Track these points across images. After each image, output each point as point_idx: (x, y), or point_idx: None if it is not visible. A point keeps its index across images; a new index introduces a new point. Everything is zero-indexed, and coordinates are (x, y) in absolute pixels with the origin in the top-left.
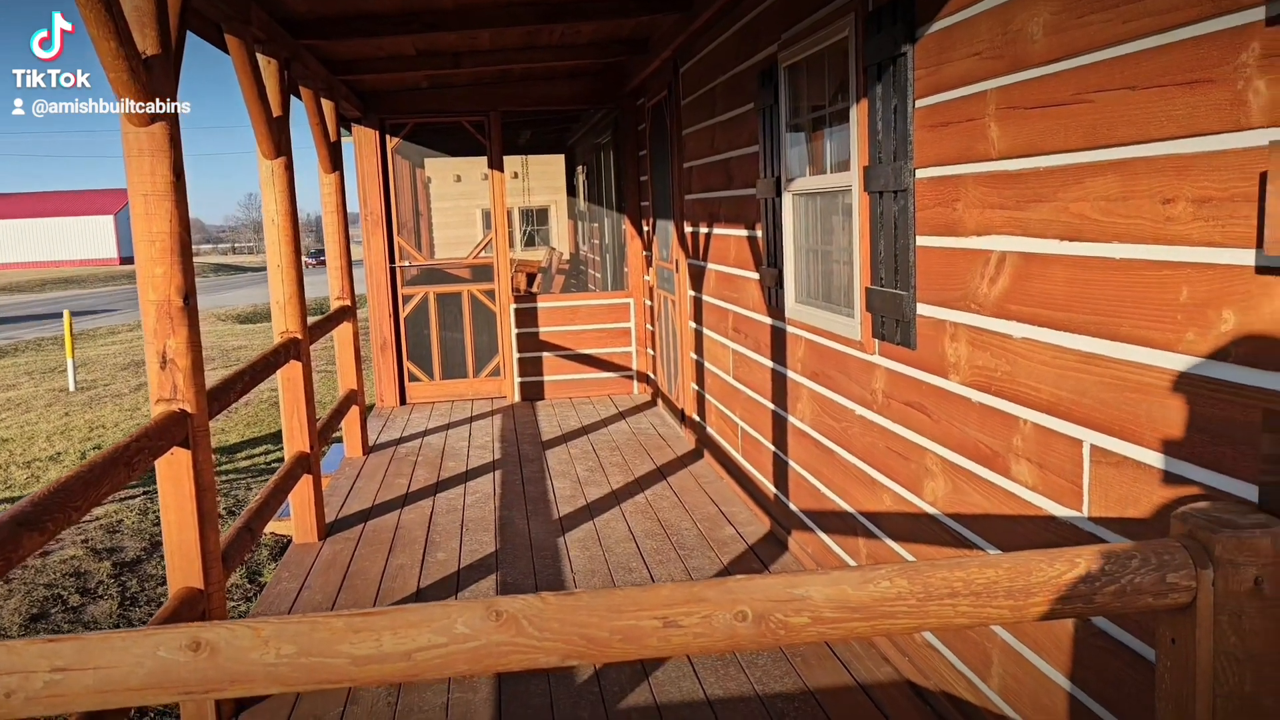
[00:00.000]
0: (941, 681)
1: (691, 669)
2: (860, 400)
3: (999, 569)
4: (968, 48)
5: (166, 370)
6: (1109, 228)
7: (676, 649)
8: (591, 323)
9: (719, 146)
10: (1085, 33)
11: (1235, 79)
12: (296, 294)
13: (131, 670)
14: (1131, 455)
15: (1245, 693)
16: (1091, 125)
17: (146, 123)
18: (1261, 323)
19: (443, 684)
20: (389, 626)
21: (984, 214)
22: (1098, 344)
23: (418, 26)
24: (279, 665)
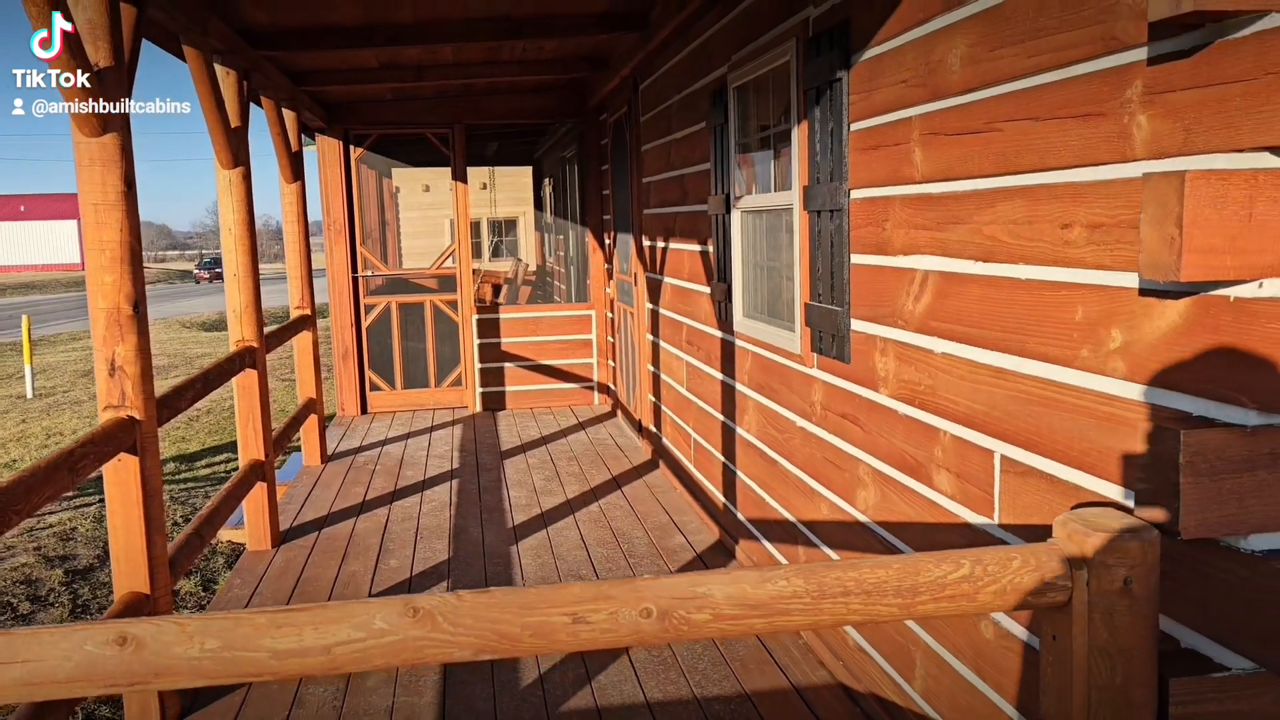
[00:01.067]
0: (871, 684)
1: (633, 672)
2: (801, 412)
3: (889, 569)
4: (895, 75)
5: (115, 377)
6: (1016, 250)
7: (585, 644)
8: (553, 334)
9: (675, 163)
10: (996, 65)
11: (1122, 113)
12: (253, 303)
13: (59, 664)
14: (1035, 465)
15: (1117, 685)
16: (1001, 152)
17: (98, 133)
18: (1142, 341)
19: (388, 687)
20: (310, 622)
21: (910, 234)
22: (1007, 359)
23: (379, 40)
24: (202, 659)
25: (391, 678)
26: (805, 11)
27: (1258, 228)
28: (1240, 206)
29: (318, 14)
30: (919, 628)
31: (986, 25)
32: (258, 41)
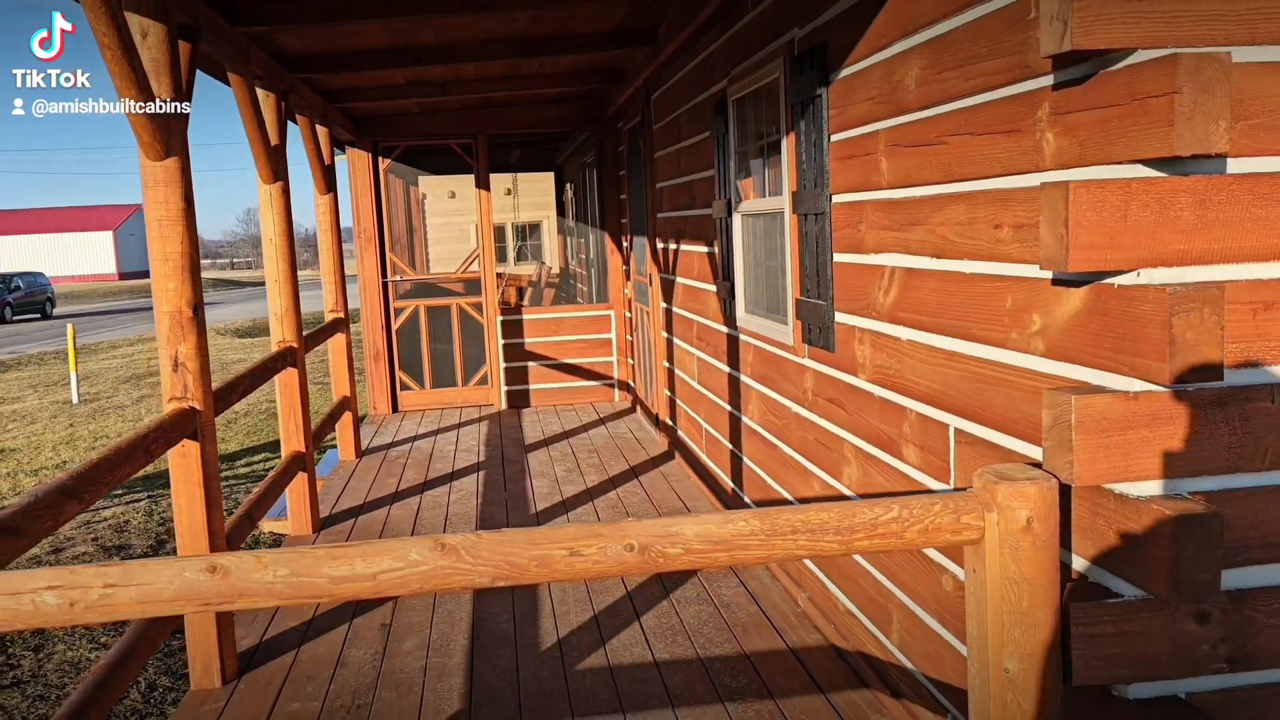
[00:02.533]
0: (857, 643)
1: (643, 636)
2: (795, 399)
3: (830, 513)
4: (865, 93)
5: (178, 372)
6: (961, 247)
7: (579, 573)
8: (574, 334)
9: (684, 169)
10: (943, 86)
11: (1035, 130)
12: (293, 307)
13: (164, 586)
14: (980, 435)
15: (1024, 609)
16: (948, 163)
17: (162, 158)
18: (1055, 324)
19: (421, 651)
20: (359, 555)
21: (879, 235)
22: (956, 343)
23: (405, 61)
24: (275, 583)
25: (424, 642)
26: (791, 33)
27: (1132, 227)
28: (1116, 209)
29: (345, 40)
30: (895, 586)
31: (934, 51)
32: (293, 65)
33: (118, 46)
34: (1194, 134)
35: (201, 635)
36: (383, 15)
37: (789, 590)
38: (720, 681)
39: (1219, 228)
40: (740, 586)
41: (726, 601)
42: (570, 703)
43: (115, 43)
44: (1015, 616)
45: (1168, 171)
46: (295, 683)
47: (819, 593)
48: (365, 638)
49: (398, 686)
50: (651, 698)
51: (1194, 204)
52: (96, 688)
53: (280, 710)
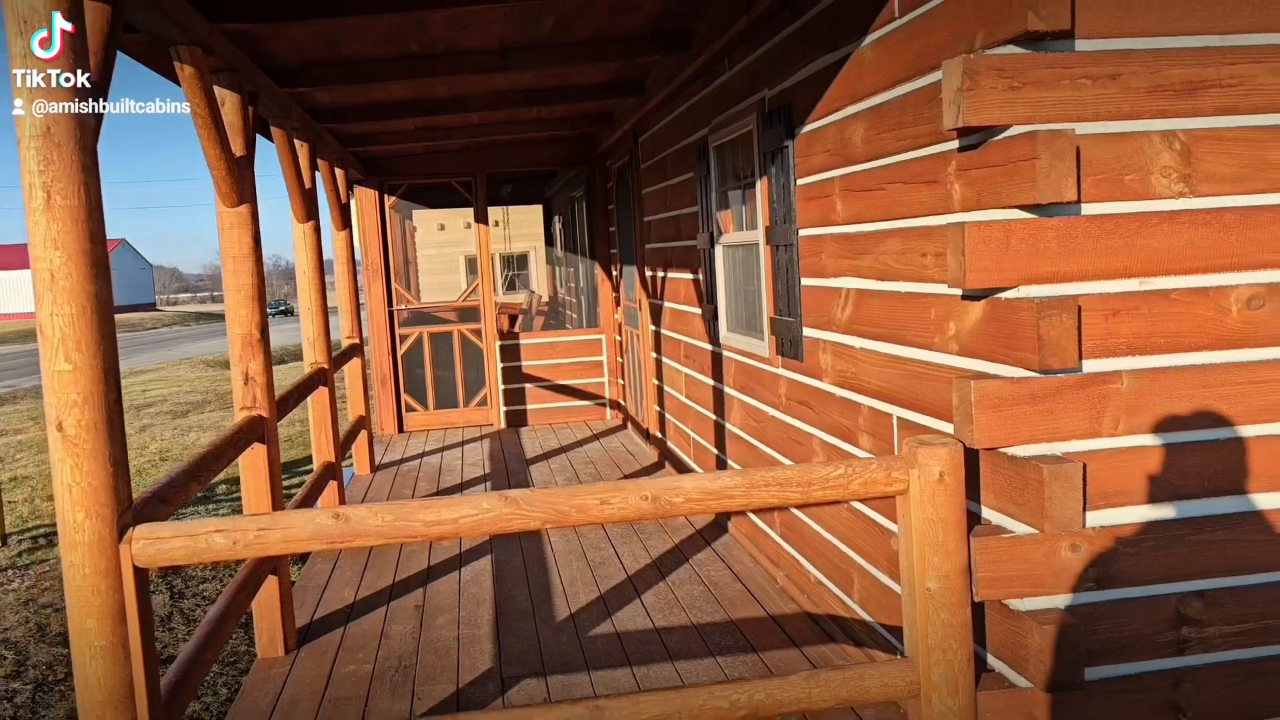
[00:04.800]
0: (827, 608)
1: (644, 609)
2: (772, 404)
3: (794, 471)
4: (822, 147)
5: (248, 385)
6: (899, 271)
7: (609, 517)
8: (568, 357)
9: (670, 205)
10: (882, 144)
11: (947, 182)
12: (323, 333)
13: (301, 529)
14: (916, 420)
15: (939, 541)
16: (887, 205)
17: (236, 204)
18: (965, 329)
19: (454, 625)
20: (445, 504)
21: (837, 262)
22: (897, 348)
23: (419, 111)
24: (383, 526)
25: (455, 619)
26: (762, 93)
27: (1012, 255)
28: (1000, 242)
29: (372, 93)
30: (854, 553)
31: (875, 116)
32: (320, 116)
33: (207, 114)
34: (1051, 188)
35: (267, 610)
36: (409, 77)
37: (769, 570)
38: (711, 641)
39: (1077, 255)
40: (726, 569)
41: (715, 581)
42: (585, 660)
43: (205, 111)
44: (934, 547)
45: (1037, 214)
46: (348, 651)
47: (794, 570)
48: (402, 616)
49: (436, 652)
50: (653, 655)
51: (1057, 238)
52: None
53: (339, 671)
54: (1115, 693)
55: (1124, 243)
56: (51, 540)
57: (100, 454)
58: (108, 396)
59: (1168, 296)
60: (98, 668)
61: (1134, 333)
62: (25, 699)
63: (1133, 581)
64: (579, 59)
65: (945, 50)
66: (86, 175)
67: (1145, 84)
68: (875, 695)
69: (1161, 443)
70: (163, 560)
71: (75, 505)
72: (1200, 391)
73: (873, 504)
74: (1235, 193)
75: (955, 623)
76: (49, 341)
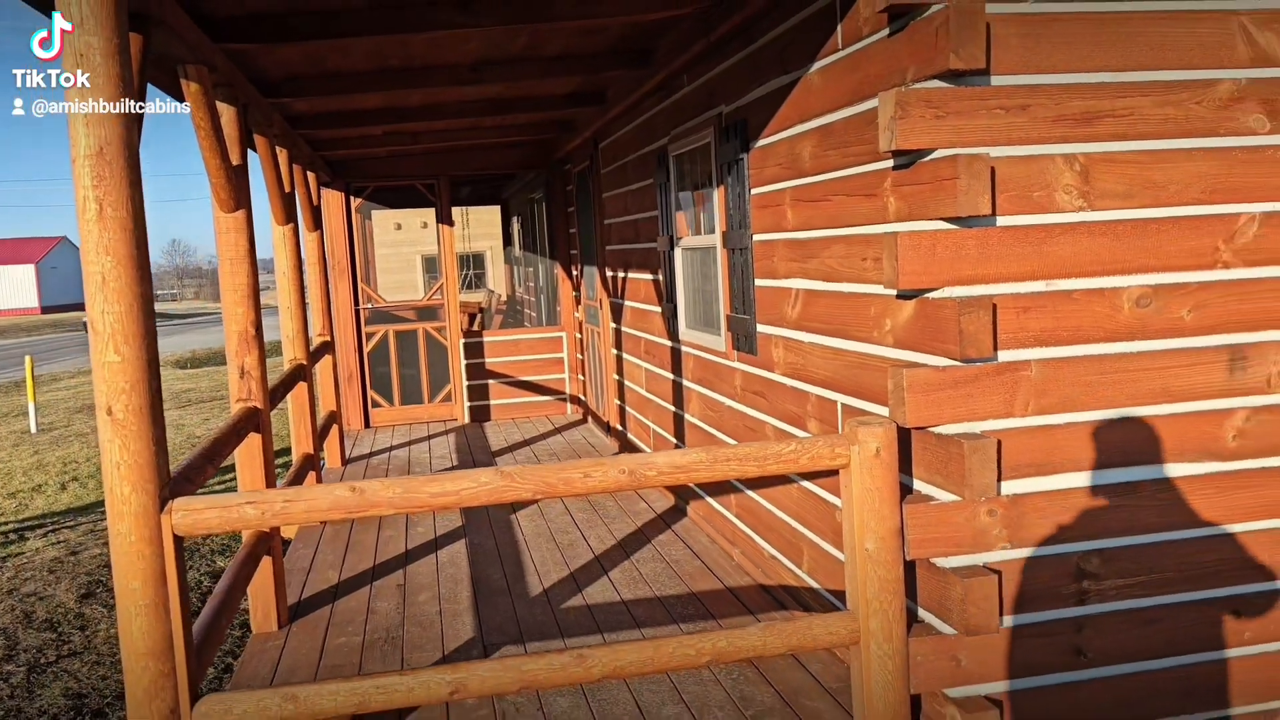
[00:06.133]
0: (779, 579)
1: (612, 584)
2: (728, 395)
3: (751, 448)
4: (774, 160)
5: (244, 379)
6: (843, 273)
7: (591, 488)
8: (530, 354)
9: (631, 209)
10: (827, 160)
11: (884, 195)
12: (301, 330)
13: (322, 500)
14: (858, 406)
15: (875, 507)
16: (832, 214)
17: (232, 210)
18: (899, 324)
19: (435, 601)
20: (449, 479)
21: (788, 265)
22: (841, 342)
23: (390, 119)
24: (394, 498)
25: (435, 595)
26: (718, 108)
27: (938, 260)
28: (928, 249)
29: (348, 102)
30: (804, 527)
31: (822, 135)
32: (296, 123)
33: (209, 126)
34: (969, 203)
35: (262, 589)
36: (387, 89)
37: (725, 548)
38: (673, 611)
39: (993, 260)
40: (687, 548)
41: (676, 559)
42: (560, 629)
43: (208, 124)
44: (871, 513)
45: (959, 225)
46: (337, 625)
47: (749, 547)
48: (386, 594)
49: (421, 624)
50: (622, 623)
51: (976, 245)
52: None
53: (330, 643)
54: (1026, 637)
55: (1033, 249)
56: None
57: (145, 435)
58: (151, 384)
59: (1070, 296)
60: (142, 623)
61: (1041, 327)
62: (20, 680)
63: (1041, 541)
64: (547, 73)
65: (881, 82)
66: (133, 190)
67: (1050, 114)
68: (821, 642)
69: (1065, 422)
70: (199, 529)
71: (123, 480)
72: (1097, 378)
73: (820, 482)
74: (1126, 207)
75: (890, 578)
76: (100, 336)
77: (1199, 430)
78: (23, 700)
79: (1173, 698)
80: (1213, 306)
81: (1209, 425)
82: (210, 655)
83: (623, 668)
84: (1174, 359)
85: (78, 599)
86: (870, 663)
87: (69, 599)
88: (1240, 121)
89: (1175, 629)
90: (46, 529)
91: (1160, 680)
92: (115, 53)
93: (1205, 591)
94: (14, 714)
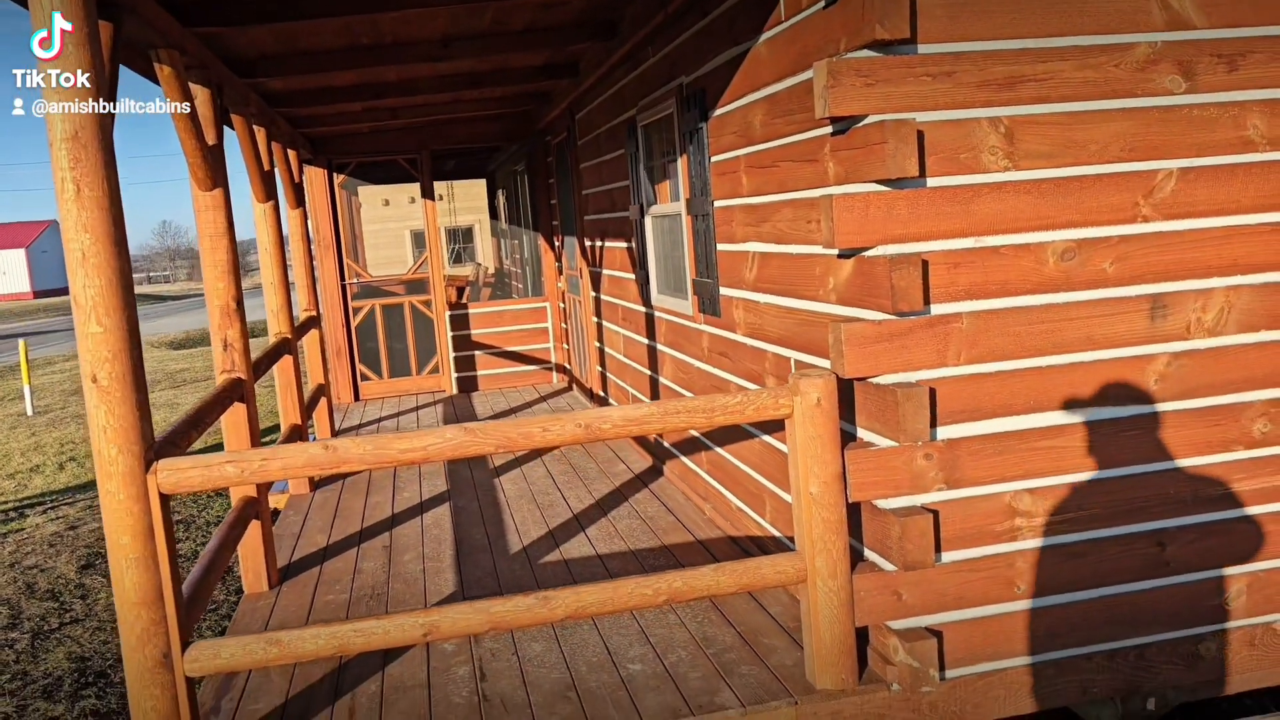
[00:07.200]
0: (745, 530)
1: (588, 540)
2: (697, 356)
3: (699, 400)
4: (730, 129)
5: (227, 351)
6: (791, 235)
7: (550, 441)
8: (515, 324)
9: (605, 179)
10: (775, 128)
11: (824, 160)
12: (285, 305)
13: (298, 458)
14: (809, 360)
15: (818, 454)
16: (781, 179)
17: (210, 189)
18: (840, 283)
19: (419, 561)
20: (416, 436)
21: (745, 229)
22: (792, 301)
23: (367, 95)
24: (364, 455)
25: (420, 555)
26: (679, 79)
27: (871, 220)
28: (861, 210)
29: (321, 79)
30: (766, 479)
31: (770, 104)
32: (273, 101)
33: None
34: (898, 166)
35: (252, 551)
36: (358, 66)
37: (698, 504)
38: (646, 563)
39: (925, 219)
40: (661, 505)
41: (651, 515)
42: (537, 582)
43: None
44: (814, 459)
45: (891, 186)
46: (325, 584)
47: (719, 502)
48: (372, 554)
49: (405, 581)
50: (595, 576)
51: (908, 205)
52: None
53: (319, 600)
54: (962, 572)
55: (961, 208)
56: (23, 512)
57: (129, 400)
58: (132, 353)
59: (997, 251)
60: (133, 575)
61: (971, 281)
62: (25, 645)
63: (974, 482)
64: (516, 47)
65: (818, 52)
66: (107, 170)
67: (975, 79)
68: (771, 581)
69: (995, 370)
70: (183, 487)
71: (110, 443)
72: (1025, 328)
73: (779, 435)
74: (1049, 166)
75: (833, 520)
76: (82, 309)
77: (1122, 375)
78: (28, 664)
79: (1099, 626)
80: (1134, 259)
81: (1132, 371)
82: (200, 609)
83: (585, 607)
84: (1097, 309)
85: (78, 570)
86: (817, 599)
87: (69, 570)
88: (1157, 82)
89: (1101, 562)
90: (46, 506)
91: (1088, 610)
92: (85, 41)
93: (1130, 526)
94: (20, 677)
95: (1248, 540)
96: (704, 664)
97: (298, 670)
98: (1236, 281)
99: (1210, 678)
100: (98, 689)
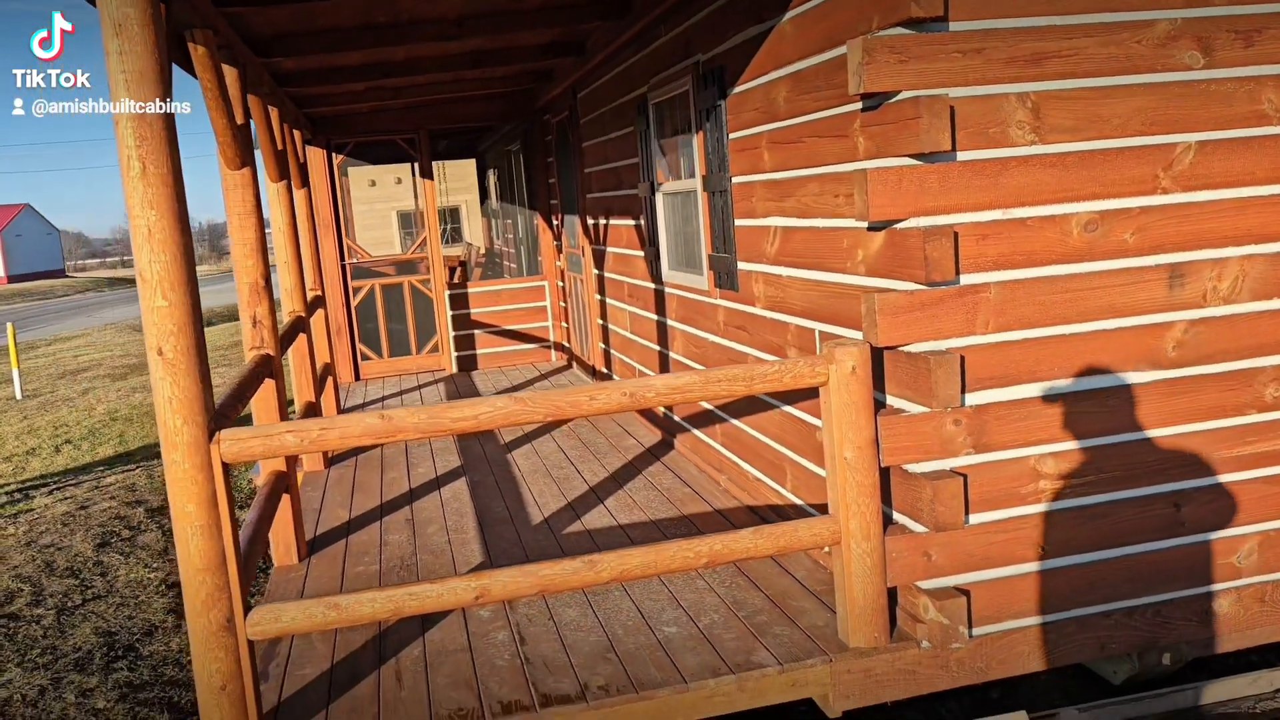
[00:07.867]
0: (764, 499)
1: (608, 512)
2: (711, 330)
3: (740, 368)
4: (751, 106)
5: (256, 328)
6: (818, 209)
7: (597, 409)
8: (514, 303)
9: (610, 157)
10: (801, 104)
11: (854, 136)
12: (298, 284)
13: (355, 427)
14: (835, 332)
15: (852, 419)
16: (808, 155)
17: (239, 167)
18: (870, 255)
19: (443, 533)
20: (468, 404)
21: (765, 204)
22: (818, 274)
23: (374, 75)
24: (419, 424)
25: (443, 527)
26: (696, 57)
27: (904, 193)
28: (895, 184)
29: (331, 59)
30: (787, 449)
31: (795, 81)
32: (283, 80)
33: (216, 89)
34: (931, 141)
35: (282, 525)
36: (373, 45)
37: (713, 476)
38: (667, 532)
39: (955, 192)
40: (676, 477)
41: (667, 487)
42: (563, 551)
43: (214, 86)
44: (849, 425)
45: (923, 161)
46: (354, 556)
47: (735, 473)
48: (396, 527)
49: (432, 552)
50: (619, 544)
51: (938, 179)
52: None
53: (350, 571)
54: (989, 533)
55: (990, 181)
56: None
57: (193, 372)
58: (195, 326)
59: (1024, 223)
60: (198, 542)
61: (999, 252)
62: (51, 621)
63: (1000, 446)
64: (528, 25)
65: (849, 30)
66: (171, 148)
67: (1003, 56)
68: (806, 543)
69: (1021, 338)
70: (244, 456)
71: (175, 414)
72: (1050, 297)
73: (801, 405)
74: (1074, 140)
75: (866, 483)
76: (148, 284)
77: (1142, 342)
78: (56, 639)
79: (1118, 584)
80: (1153, 229)
81: (1151, 338)
82: (250, 575)
83: (629, 570)
84: (1119, 278)
85: (94, 548)
86: (851, 560)
87: (86, 548)
88: (1176, 58)
89: (1121, 522)
90: (50, 488)
91: (1107, 569)
92: (149, 21)
93: (1148, 488)
94: (50, 651)
95: (1259, 500)
96: (737, 626)
97: (339, 637)
98: (1250, 251)
99: (1223, 633)
100: (129, 661)
